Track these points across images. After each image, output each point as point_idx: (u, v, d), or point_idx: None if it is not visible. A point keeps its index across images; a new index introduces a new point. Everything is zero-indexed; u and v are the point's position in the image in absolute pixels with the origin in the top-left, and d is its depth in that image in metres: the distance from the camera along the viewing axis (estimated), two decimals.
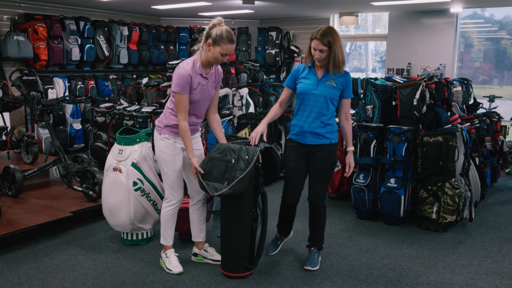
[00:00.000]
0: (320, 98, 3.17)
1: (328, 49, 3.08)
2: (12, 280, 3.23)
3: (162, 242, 3.41)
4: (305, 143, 3.27)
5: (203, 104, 3.20)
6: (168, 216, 3.33)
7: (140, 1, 7.73)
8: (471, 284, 3.22)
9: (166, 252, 3.41)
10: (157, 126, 3.25)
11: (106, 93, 8.29)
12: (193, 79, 3.05)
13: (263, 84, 6.89)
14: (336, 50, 3.07)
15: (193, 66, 3.06)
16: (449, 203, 4.11)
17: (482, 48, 9.48)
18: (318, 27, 3.15)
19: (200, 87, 3.10)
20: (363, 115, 4.74)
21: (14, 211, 4.15)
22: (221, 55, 3.04)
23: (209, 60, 3.08)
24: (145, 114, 5.82)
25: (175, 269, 3.33)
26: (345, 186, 5.03)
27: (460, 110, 5.22)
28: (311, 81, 3.20)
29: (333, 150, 3.30)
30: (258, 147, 3.14)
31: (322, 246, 3.53)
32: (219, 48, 3.00)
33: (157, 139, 3.24)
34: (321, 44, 3.06)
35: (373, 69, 12.56)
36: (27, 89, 4.87)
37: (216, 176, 3.06)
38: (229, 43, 3.00)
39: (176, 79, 3.03)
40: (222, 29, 3.00)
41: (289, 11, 9.17)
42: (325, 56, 3.11)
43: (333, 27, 3.24)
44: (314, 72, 3.22)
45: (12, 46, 6.88)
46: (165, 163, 3.21)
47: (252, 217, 3.21)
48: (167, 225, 3.36)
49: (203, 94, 3.14)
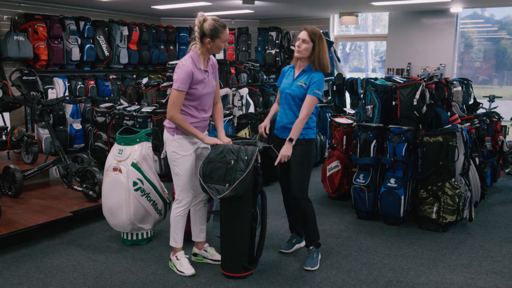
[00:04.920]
0: (290, 96, 3.36)
1: (312, 43, 3.26)
2: (12, 280, 3.23)
3: (172, 244, 3.38)
4: (282, 138, 3.40)
5: (208, 97, 3.24)
6: (178, 217, 3.31)
7: (140, 1, 7.72)
8: (471, 284, 3.22)
9: (176, 255, 3.38)
10: (168, 127, 3.24)
11: (106, 93, 8.29)
12: (195, 75, 3.09)
13: (263, 84, 6.90)
14: (321, 48, 3.27)
15: (193, 63, 3.11)
16: (449, 203, 4.11)
17: (482, 48, 9.48)
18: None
19: (203, 80, 3.15)
20: (363, 115, 4.74)
21: (14, 211, 4.15)
22: (222, 43, 3.15)
23: (212, 52, 3.18)
24: (145, 114, 5.83)
25: (187, 271, 3.30)
26: (345, 186, 5.03)
27: (460, 110, 5.22)
28: (288, 81, 3.42)
29: (307, 145, 3.36)
30: (256, 147, 3.14)
31: (319, 243, 3.51)
32: (219, 40, 3.11)
33: (168, 140, 3.23)
34: (306, 34, 3.26)
35: (373, 69, 12.55)
36: (27, 89, 4.86)
37: (217, 178, 3.07)
38: (225, 30, 3.11)
39: (179, 73, 3.06)
40: (211, 22, 3.08)
41: (289, 11, 9.17)
42: (304, 48, 3.27)
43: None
44: (293, 73, 3.42)
45: (12, 46, 6.88)
46: (177, 163, 3.21)
47: (251, 217, 3.21)
48: (177, 226, 3.33)
49: (206, 87, 3.19)
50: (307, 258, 3.46)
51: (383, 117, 4.62)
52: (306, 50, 3.27)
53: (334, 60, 8.39)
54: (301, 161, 3.35)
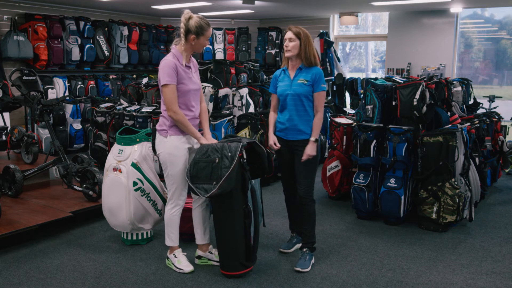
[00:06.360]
0: (294, 96, 3.38)
1: (297, 39, 3.33)
2: (12, 280, 3.23)
3: (168, 243, 3.39)
4: (287, 139, 3.43)
5: (195, 94, 3.29)
6: (173, 217, 3.33)
7: (140, 1, 7.72)
8: (471, 284, 3.22)
9: (174, 253, 3.40)
10: (160, 130, 3.26)
11: (106, 93, 8.29)
12: (179, 69, 3.16)
13: (263, 84, 6.89)
14: (307, 43, 3.34)
15: (175, 58, 3.18)
16: (449, 203, 4.11)
17: (482, 48, 9.48)
18: None
19: (187, 75, 3.22)
20: (363, 115, 4.73)
21: (14, 211, 4.15)
22: (206, 40, 3.27)
23: (195, 49, 3.28)
24: (145, 114, 5.83)
25: (186, 268, 3.33)
26: (345, 186, 5.03)
27: (460, 110, 5.22)
28: (285, 83, 3.45)
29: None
30: (240, 143, 3.16)
31: (314, 248, 3.51)
32: (203, 37, 3.22)
33: (161, 142, 3.25)
34: (291, 33, 3.35)
35: (373, 69, 12.55)
36: (27, 89, 4.87)
37: (204, 178, 3.09)
38: (209, 28, 3.23)
39: (163, 68, 3.14)
40: (197, 20, 3.18)
41: (289, 11, 9.17)
42: (293, 46, 3.34)
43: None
44: (288, 74, 3.47)
45: (12, 46, 6.88)
46: (171, 164, 3.22)
47: (243, 214, 3.21)
48: (172, 225, 3.35)
49: (191, 82, 3.25)
50: (298, 260, 3.45)
51: (383, 117, 4.62)
52: (294, 47, 3.34)
53: (334, 60, 8.39)
54: (306, 161, 3.37)
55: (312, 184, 3.44)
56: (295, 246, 3.74)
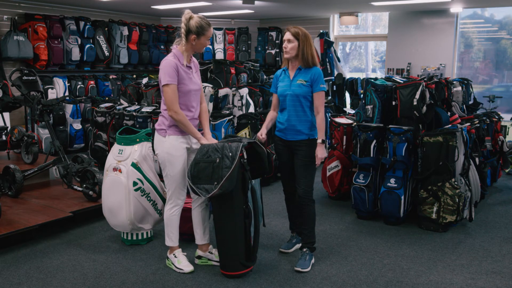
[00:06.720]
0: (293, 97, 3.39)
1: (296, 41, 3.33)
2: (12, 280, 3.23)
3: (167, 243, 3.40)
4: (286, 139, 3.44)
5: (195, 94, 3.29)
6: (173, 217, 3.34)
7: (140, 1, 7.72)
8: (471, 284, 3.22)
9: (174, 253, 3.40)
10: (159, 130, 3.27)
11: (106, 93, 8.29)
12: (180, 69, 3.16)
13: (263, 84, 6.89)
14: (305, 44, 3.33)
15: (176, 58, 3.18)
16: (449, 203, 4.11)
17: (482, 48, 9.48)
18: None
19: (188, 76, 3.22)
20: (363, 115, 4.73)
21: (14, 211, 4.15)
22: (207, 40, 3.27)
23: (196, 49, 3.27)
24: (145, 114, 5.83)
25: (186, 268, 3.33)
26: (345, 186, 5.03)
27: (460, 110, 5.22)
28: (285, 83, 3.46)
29: (313, 145, 3.39)
30: (241, 143, 3.16)
31: (314, 247, 3.51)
32: (204, 37, 3.22)
33: (160, 142, 3.25)
34: (290, 34, 3.36)
35: (373, 69, 12.55)
36: (27, 89, 4.87)
37: (205, 178, 3.09)
38: (210, 28, 3.23)
39: (164, 68, 3.14)
40: (197, 20, 3.18)
41: (289, 11, 9.17)
42: (291, 48, 3.35)
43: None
44: (288, 75, 3.48)
45: (12, 46, 6.88)
46: (170, 164, 3.22)
47: (243, 214, 3.21)
48: (172, 225, 3.36)
49: (191, 82, 3.24)
50: (298, 260, 3.45)
51: (383, 117, 4.62)
52: (293, 49, 3.35)
53: (334, 60, 8.38)
54: (307, 162, 3.37)
55: (312, 184, 3.44)
56: (295, 246, 3.74)
